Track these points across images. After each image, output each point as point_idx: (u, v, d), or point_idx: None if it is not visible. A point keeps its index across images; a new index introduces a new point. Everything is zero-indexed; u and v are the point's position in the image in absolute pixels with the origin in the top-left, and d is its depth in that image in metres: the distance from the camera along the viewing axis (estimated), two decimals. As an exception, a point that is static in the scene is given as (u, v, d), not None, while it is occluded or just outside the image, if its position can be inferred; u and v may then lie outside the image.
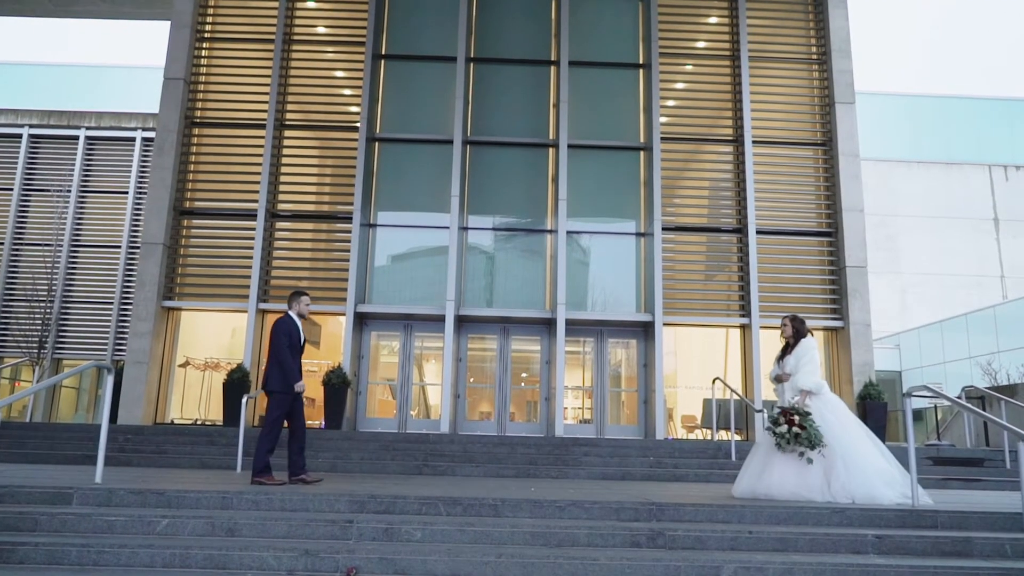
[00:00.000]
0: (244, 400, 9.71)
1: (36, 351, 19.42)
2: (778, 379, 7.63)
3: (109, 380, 6.45)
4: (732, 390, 12.06)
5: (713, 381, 12.59)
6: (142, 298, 14.99)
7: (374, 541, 5.29)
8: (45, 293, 20.07)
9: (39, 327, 19.68)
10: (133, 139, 21.50)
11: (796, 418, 6.91)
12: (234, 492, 5.89)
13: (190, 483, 6.86)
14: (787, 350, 7.65)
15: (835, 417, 7.08)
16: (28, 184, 21.13)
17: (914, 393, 6.50)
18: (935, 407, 18.25)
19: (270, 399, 7.65)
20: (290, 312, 7.97)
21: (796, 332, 7.64)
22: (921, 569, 4.92)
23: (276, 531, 5.31)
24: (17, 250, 20.68)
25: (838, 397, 7.46)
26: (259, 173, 15.67)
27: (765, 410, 7.36)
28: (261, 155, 15.76)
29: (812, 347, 7.49)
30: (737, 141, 16.21)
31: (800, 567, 4.90)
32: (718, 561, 4.94)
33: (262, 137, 15.86)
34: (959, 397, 16.34)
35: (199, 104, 16.23)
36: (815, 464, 6.86)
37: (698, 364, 17.05)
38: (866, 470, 6.78)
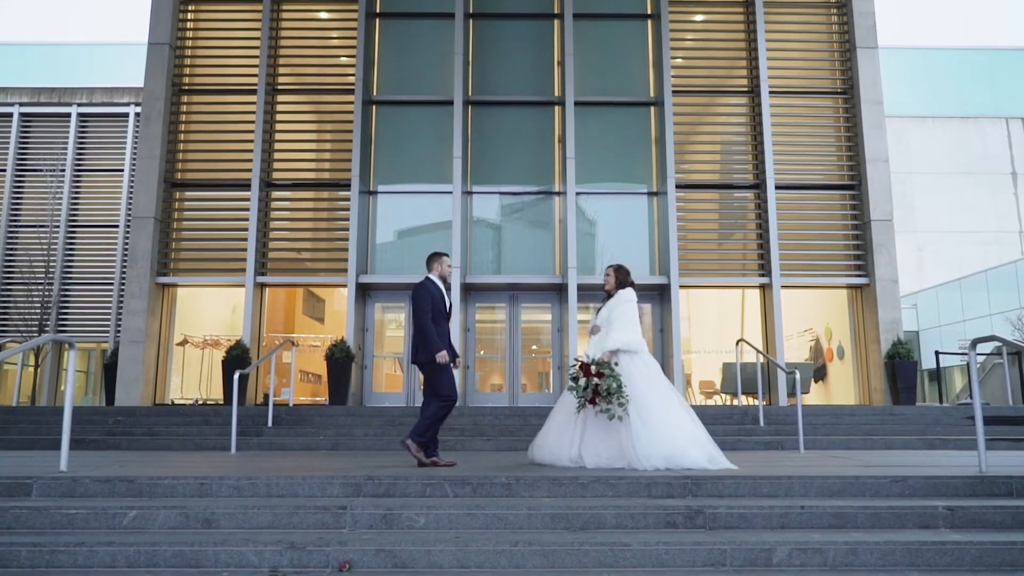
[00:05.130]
0: (236, 376, 9.06)
1: (36, 335, 18.90)
2: (593, 331, 6.97)
3: (72, 356, 5.79)
4: (759, 352, 11.35)
5: (737, 343, 11.90)
6: (135, 275, 14.37)
7: (371, 530, 4.62)
8: (43, 275, 19.52)
9: (38, 310, 19.15)
10: (126, 115, 20.90)
11: (593, 368, 6.31)
12: (213, 478, 5.22)
13: (170, 468, 6.21)
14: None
15: (643, 377, 6.52)
16: (21, 164, 20.58)
17: (979, 344, 5.77)
18: (966, 365, 17.52)
19: (424, 372, 6.93)
20: (430, 275, 7.12)
21: (619, 283, 7.00)
22: (1006, 546, 4.23)
23: (259, 521, 4.64)
24: (13, 232, 20.15)
25: (655, 360, 6.83)
26: (252, 141, 14.94)
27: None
28: (253, 122, 15.02)
29: (627, 300, 6.87)
30: (753, 92, 15.39)
31: (864, 547, 4.22)
32: (769, 543, 4.26)
33: (253, 103, 15.12)
34: (995, 353, 15.66)
35: (187, 70, 15.48)
36: (620, 428, 6.28)
37: (713, 328, 16.40)
38: (671, 431, 6.24)
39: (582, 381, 6.31)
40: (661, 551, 4.22)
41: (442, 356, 6.75)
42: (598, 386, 6.22)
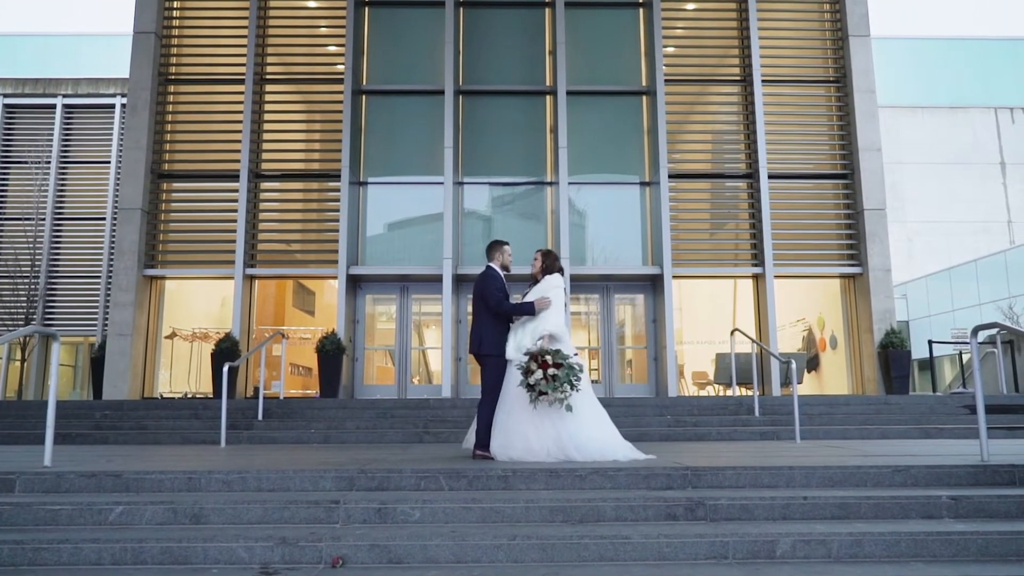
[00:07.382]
0: (225, 369, 8.91)
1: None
2: None
3: (56, 348, 5.65)
4: (755, 341, 11.28)
5: (732, 333, 11.80)
6: (122, 267, 14.19)
7: (364, 524, 4.51)
8: (28, 268, 19.26)
9: (24, 304, 18.90)
10: (112, 106, 20.58)
11: (548, 358, 6.06)
12: (202, 472, 5.09)
13: (158, 462, 6.08)
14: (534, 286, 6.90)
15: None
16: (5, 156, 20.25)
17: (980, 330, 5.70)
18: (959, 353, 17.52)
19: (487, 364, 6.63)
20: (491, 264, 6.91)
21: (545, 267, 6.84)
22: (1011, 535, 4.16)
23: (249, 516, 4.52)
24: (-2, 224, 19.86)
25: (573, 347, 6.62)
26: (240, 131, 14.76)
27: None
28: (241, 112, 14.84)
29: (558, 285, 6.70)
30: (745, 81, 15.29)
31: (869, 538, 4.14)
32: (772, 534, 4.18)
33: (241, 92, 14.94)
34: (988, 342, 15.65)
35: (173, 59, 15.26)
36: (551, 419, 6.14)
37: (705, 319, 16.36)
38: (599, 425, 6.24)
39: (537, 374, 6.01)
40: (662, 544, 4.13)
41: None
42: (556, 375, 6.00)
